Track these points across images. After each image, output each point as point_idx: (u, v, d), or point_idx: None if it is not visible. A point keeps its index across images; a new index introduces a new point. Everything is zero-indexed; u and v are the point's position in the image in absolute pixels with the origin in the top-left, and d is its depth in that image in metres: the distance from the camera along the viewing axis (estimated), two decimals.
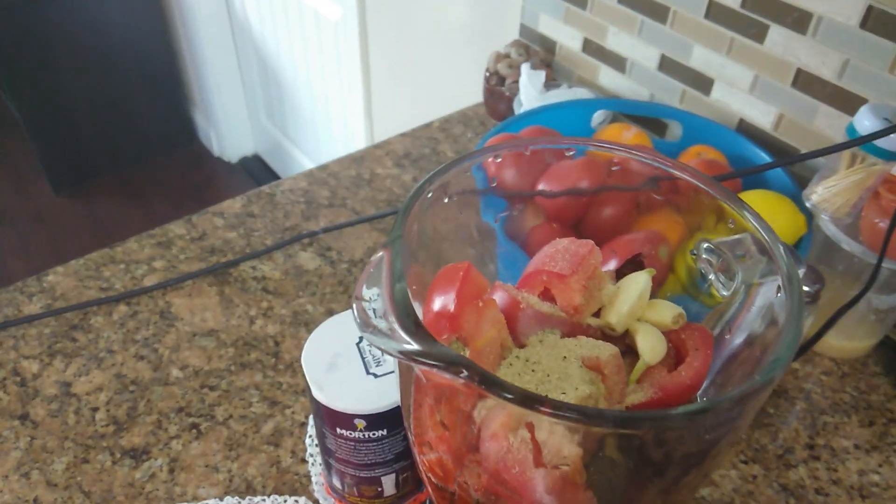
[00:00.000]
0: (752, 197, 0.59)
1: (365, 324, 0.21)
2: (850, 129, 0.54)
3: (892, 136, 0.51)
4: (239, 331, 0.63)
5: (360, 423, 0.43)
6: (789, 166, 0.65)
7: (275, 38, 1.77)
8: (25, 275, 0.67)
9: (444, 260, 0.30)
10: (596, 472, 0.26)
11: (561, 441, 0.23)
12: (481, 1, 1.02)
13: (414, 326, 0.22)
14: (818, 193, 0.56)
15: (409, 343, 0.21)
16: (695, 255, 0.29)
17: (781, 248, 0.25)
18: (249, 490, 0.52)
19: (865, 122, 0.52)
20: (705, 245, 0.28)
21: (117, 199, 2.16)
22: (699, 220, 0.33)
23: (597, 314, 0.31)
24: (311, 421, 0.56)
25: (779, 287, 0.24)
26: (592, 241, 0.30)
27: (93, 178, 2.21)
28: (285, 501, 0.51)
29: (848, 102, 0.62)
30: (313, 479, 0.53)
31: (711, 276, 0.28)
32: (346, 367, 0.44)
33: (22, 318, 0.63)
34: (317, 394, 0.43)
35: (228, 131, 2.20)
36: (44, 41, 1.90)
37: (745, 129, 0.71)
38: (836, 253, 0.58)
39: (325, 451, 0.48)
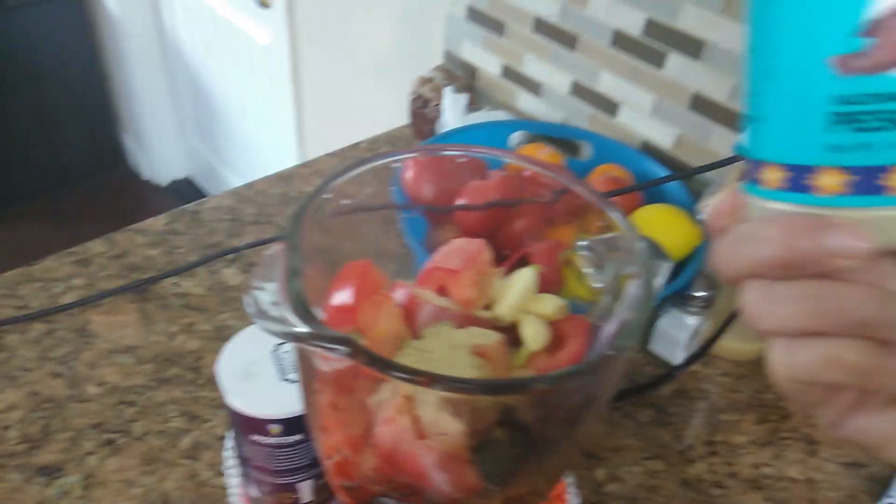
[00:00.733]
0: (652, 210, 0.63)
1: (258, 311, 0.23)
2: (738, 147, 0.59)
3: None
4: (158, 347, 0.63)
5: (275, 429, 0.44)
6: (688, 182, 0.70)
7: (206, 60, 1.76)
8: None
9: (347, 261, 0.32)
10: (480, 451, 0.28)
11: (441, 416, 0.25)
12: (408, 28, 1.05)
13: (304, 311, 0.23)
14: (709, 206, 0.60)
15: (298, 326, 0.23)
16: (575, 251, 0.32)
17: (639, 242, 0.28)
18: (167, 503, 0.52)
19: None
20: (582, 242, 0.31)
21: (42, 225, 2.10)
22: (586, 227, 0.36)
23: (489, 308, 0.33)
24: (230, 433, 0.57)
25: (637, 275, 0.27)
26: (483, 240, 0.33)
27: (17, 204, 2.13)
28: None
29: (739, 122, 0.67)
30: (231, 490, 0.53)
31: (587, 270, 0.31)
32: (262, 374, 0.45)
33: None
34: (230, 400, 0.44)
35: (159, 154, 2.16)
36: None
37: (649, 149, 0.75)
38: None
39: (242, 460, 0.48)
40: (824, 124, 0.20)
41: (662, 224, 0.61)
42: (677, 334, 0.62)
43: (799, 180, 0.22)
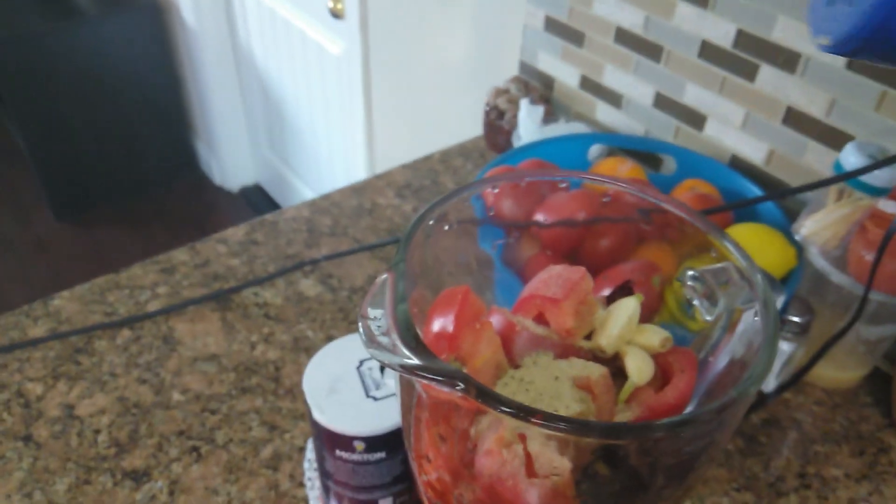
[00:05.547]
0: (744, 230, 0.61)
1: (370, 340, 0.23)
2: (837, 165, 0.56)
3: (876, 171, 0.53)
4: (240, 356, 0.64)
5: (360, 445, 0.44)
6: (780, 200, 0.67)
7: (278, 70, 1.80)
8: (25, 301, 0.69)
9: (443, 286, 0.32)
10: (586, 487, 0.27)
11: (551, 454, 0.25)
12: (482, 37, 1.05)
13: (415, 343, 0.23)
14: (807, 227, 0.57)
15: (410, 358, 0.22)
16: (681, 281, 0.30)
17: (759, 275, 0.27)
18: None
19: (851, 158, 0.54)
20: (690, 272, 0.30)
21: (118, 227, 2.18)
22: (686, 251, 0.34)
23: (588, 337, 0.32)
24: (309, 445, 0.57)
25: (756, 311, 0.26)
26: (584, 268, 0.32)
27: (94, 207, 2.23)
28: None
29: (835, 139, 0.64)
30: (311, 502, 0.53)
31: (696, 302, 0.30)
32: (347, 390, 0.45)
33: (27, 341, 0.64)
34: (317, 416, 0.44)
35: (230, 161, 2.22)
36: (49, 71, 1.94)
37: (738, 164, 0.73)
38: (825, 285, 0.60)
39: (324, 474, 0.49)
40: None
41: (755, 245, 0.58)
42: None
43: None
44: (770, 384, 0.61)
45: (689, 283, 0.30)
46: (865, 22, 0.25)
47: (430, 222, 0.29)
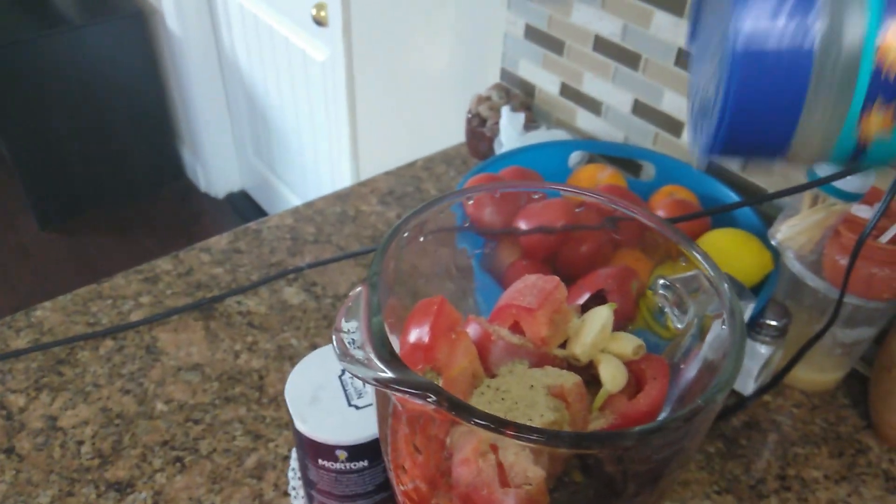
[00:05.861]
0: (721, 235, 0.62)
1: (343, 354, 0.23)
2: (811, 171, 0.57)
3: (849, 177, 0.54)
4: (224, 365, 0.64)
5: (342, 454, 0.45)
6: (756, 206, 0.68)
7: (263, 76, 1.80)
8: (9, 309, 0.68)
9: (422, 293, 0.32)
10: (559, 495, 0.27)
11: (525, 463, 0.25)
12: (464, 45, 1.05)
13: (389, 356, 0.23)
14: (782, 232, 0.58)
15: (384, 371, 0.23)
16: (653, 290, 0.31)
17: (725, 284, 0.27)
18: None
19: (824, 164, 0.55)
20: (661, 281, 0.30)
21: (104, 234, 2.17)
22: (659, 258, 0.35)
23: (563, 346, 0.33)
24: (293, 454, 0.57)
25: (723, 320, 0.26)
26: (558, 278, 0.32)
27: (80, 214, 2.21)
28: None
29: None
30: None
31: (667, 310, 0.30)
32: (329, 399, 0.46)
33: (9, 353, 0.64)
34: (299, 425, 0.45)
35: (216, 167, 2.22)
36: (34, 78, 1.93)
37: (715, 170, 0.74)
38: (802, 289, 0.61)
39: (307, 483, 0.49)
40: None
41: (732, 249, 0.59)
42: (748, 364, 0.60)
43: None
44: (749, 387, 0.62)
45: (660, 291, 0.31)
46: (718, 136, 0.28)
47: (405, 234, 0.29)
